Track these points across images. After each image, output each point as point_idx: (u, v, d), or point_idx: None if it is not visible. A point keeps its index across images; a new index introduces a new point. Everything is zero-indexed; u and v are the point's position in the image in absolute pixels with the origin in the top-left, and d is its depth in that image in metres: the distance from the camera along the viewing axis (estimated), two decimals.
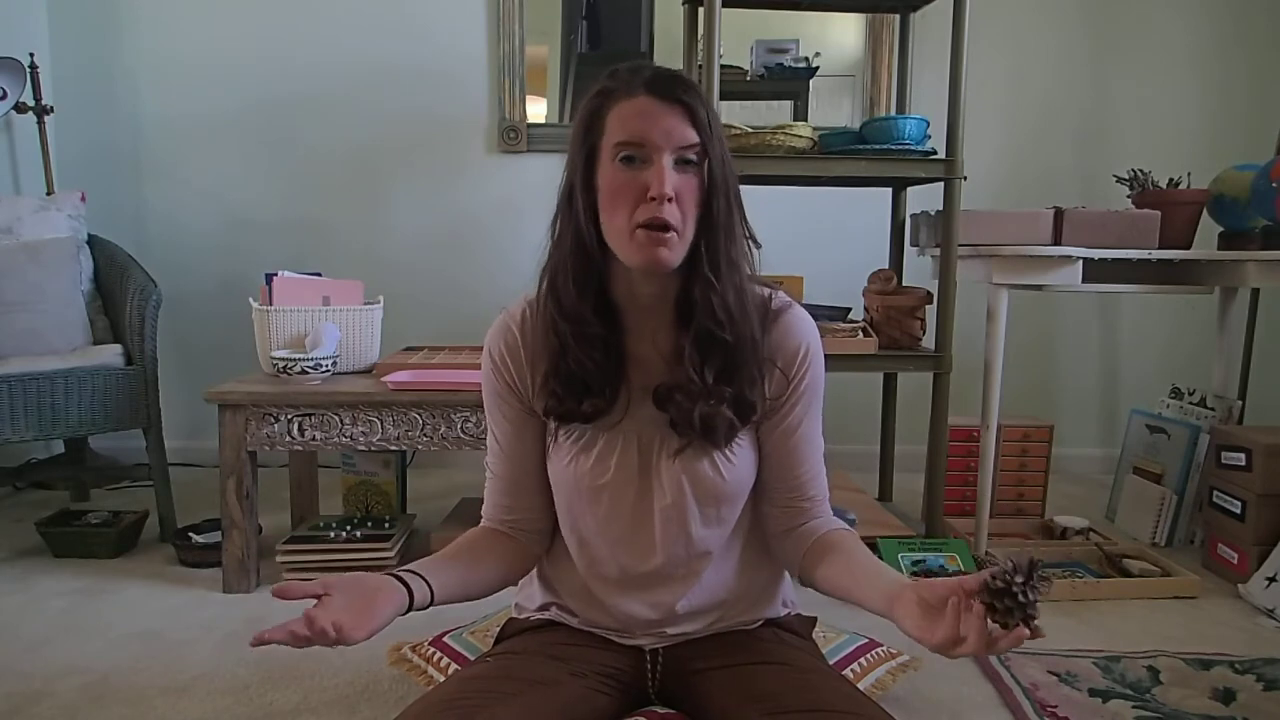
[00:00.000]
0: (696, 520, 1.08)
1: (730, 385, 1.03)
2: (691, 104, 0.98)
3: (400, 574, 1.00)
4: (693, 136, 0.98)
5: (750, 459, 1.10)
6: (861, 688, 1.33)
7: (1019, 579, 0.79)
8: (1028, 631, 0.79)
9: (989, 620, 0.80)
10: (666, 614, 1.13)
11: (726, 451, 1.07)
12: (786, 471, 1.11)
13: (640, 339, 1.08)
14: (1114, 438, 3.10)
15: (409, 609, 0.99)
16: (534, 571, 1.22)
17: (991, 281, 2.17)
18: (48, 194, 2.75)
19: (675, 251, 0.98)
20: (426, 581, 1.01)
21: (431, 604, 1.02)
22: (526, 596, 1.23)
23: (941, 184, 2.15)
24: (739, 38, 2.94)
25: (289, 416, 1.99)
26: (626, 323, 1.08)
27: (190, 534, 2.22)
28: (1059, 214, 2.19)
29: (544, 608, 1.20)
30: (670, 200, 0.96)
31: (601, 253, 1.03)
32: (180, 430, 2.93)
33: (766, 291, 1.09)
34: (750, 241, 1.06)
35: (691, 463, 1.06)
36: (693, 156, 0.98)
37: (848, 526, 1.13)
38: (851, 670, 1.45)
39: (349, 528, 2.14)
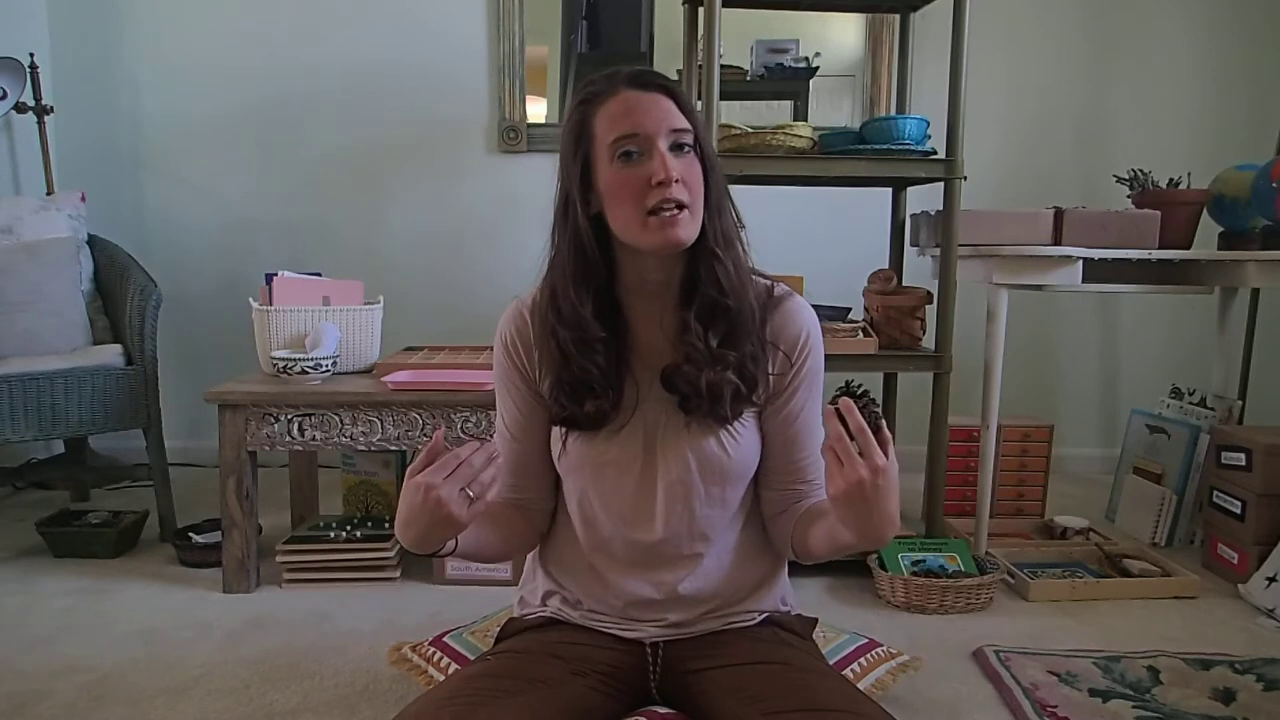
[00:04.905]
0: (700, 498, 1.11)
1: (734, 350, 1.07)
2: (672, 89, 1.03)
3: None
4: (682, 120, 1.02)
5: (754, 440, 1.13)
6: (861, 688, 1.34)
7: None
8: (887, 433, 0.91)
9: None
10: (669, 594, 1.14)
11: (732, 429, 1.09)
12: (787, 456, 1.14)
13: (647, 322, 1.11)
14: (1114, 438, 3.10)
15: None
16: (537, 565, 1.24)
17: (991, 281, 2.17)
18: (48, 194, 2.75)
19: (688, 229, 1.02)
20: None
21: (454, 553, 1.05)
22: (530, 590, 1.24)
23: (941, 184, 2.15)
24: (739, 38, 2.94)
25: (289, 416, 1.99)
26: (633, 311, 1.11)
27: (190, 534, 2.22)
28: (1059, 214, 2.19)
29: (547, 597, 1.21)
30: (677, 181, 0.99)
31: (602, 253, 1.06)
32: (180, 430, 2.94)
33: (768, 282, 1.14)
34: (736, 219, 1.11)
35: (698, 439, 1.09)
36: (687, 140, 1.02)
37: None
38: (851, 670, 1.45)
39: (349, 528, 2.14)
